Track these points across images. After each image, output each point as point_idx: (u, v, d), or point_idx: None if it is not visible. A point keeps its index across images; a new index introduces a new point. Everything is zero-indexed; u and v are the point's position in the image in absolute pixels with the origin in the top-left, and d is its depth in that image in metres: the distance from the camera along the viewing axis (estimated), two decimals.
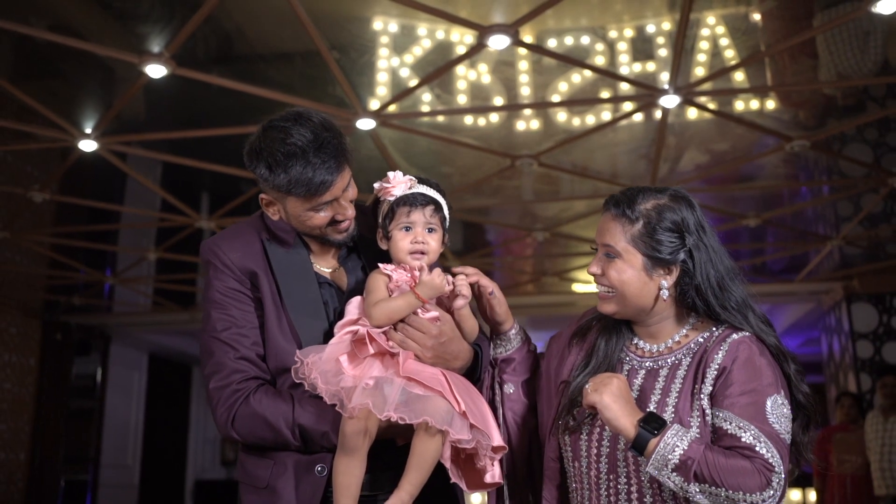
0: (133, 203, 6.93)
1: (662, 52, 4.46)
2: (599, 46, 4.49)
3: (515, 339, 1.85)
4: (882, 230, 6.47)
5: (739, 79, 4.55)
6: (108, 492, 8.83)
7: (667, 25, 4.43)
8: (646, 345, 1.70)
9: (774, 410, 1.50)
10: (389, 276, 1.69)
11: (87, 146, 4.69)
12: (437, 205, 1.74)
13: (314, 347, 1.66)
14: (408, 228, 1.71)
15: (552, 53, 4.24)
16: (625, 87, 4.59)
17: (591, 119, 4.88)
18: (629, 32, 4.46)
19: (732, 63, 4.39)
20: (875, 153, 5.70)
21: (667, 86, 4.09)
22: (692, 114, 4.85)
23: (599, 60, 4.49)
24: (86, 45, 3.96)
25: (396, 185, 1.72)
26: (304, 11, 3.47)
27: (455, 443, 1.58)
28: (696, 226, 1.64)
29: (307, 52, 4.35)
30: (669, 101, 4.16)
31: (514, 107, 4.79)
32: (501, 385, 1.85)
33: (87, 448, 8.75)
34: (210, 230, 6.14)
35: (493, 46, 3.72)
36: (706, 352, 1.60)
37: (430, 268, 1.72)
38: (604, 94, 4.72)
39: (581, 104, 4.79)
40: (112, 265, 7.96)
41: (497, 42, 3.66)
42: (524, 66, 4.59)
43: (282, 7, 3.55)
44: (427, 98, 4.71)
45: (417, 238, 1.70)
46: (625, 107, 4.73)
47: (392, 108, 4.46)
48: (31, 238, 6.79)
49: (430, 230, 1.73)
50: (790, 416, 1.55)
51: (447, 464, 1.62)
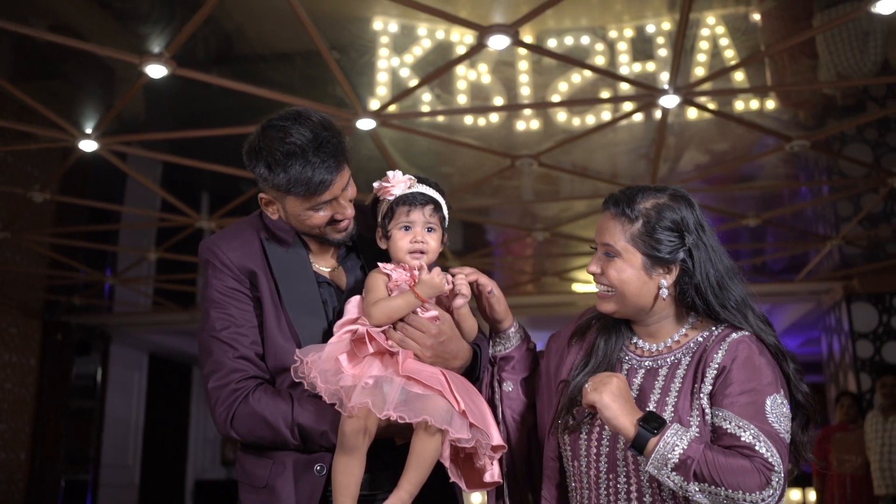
0: (133, 203, 6.94)
1: (662, 52, 4.46)
2: (599, 46, 4.49)
3: (515, 338, 1.85)
4: (882, 230, 6.47)
5: (739, 79, 4.55)
6: (109, 492, 8.83)
7: (667, 25, 4.43)
8: (645, 344, 1.70)
9: (774, 410, 1.50)
10: (389, 276, 1.69)
11: (88, 146, 4.69)
12: (437, 204, 1.74)
13: (313, 347, 1.66)
14: (407, 228, 1.71)
15: (552, 53, 4.24)
16: (625, 87, 4.59)
17: (591, 119, 4.88)
18: (629, 32, 4.46)
19: (732, 63, 4.39)
20: (875, 153, 5.70)
21: (667, 86, 4.09)
22: (692, 114, 4.85)
23: (599, 60, 4.49)
24: (86, 46, 3.96)
25: (396, 185, 1.72)
26: (304, 11, 3.47)
27: (454, 442, 1.58)
28: (696, 225, 1.64)
29: (307, 53, 4.35)
30: (669, 101, 4.16)
31: (514, 107, 4.79)
32: (500, 383, 1.85)
33: (88, 448, 8.75)
34: (210, 230, 6.14)
35: (493, 46, 3.72)
36: (706, 351, 1.60)
37: (430, 267, 1.72)
38: (604, 94, 4.72)
39: (581, 104, 4.78)
40: (112, 265, 7.96)
41: (497, 42, 3.65)
42: (524, 66, 4.59)
43: (282, 7, 3.55)
44: (427, 98, 4.71)
45: (417, 237, 1.70)
46: (625, 107, 4.73)
47: (392, 108, 4.46)
48: (32, 238, 6.79)
49: (430, 229, 1.73)
50: (790, 416, 1.55)
51: (446, 463, 1.62)
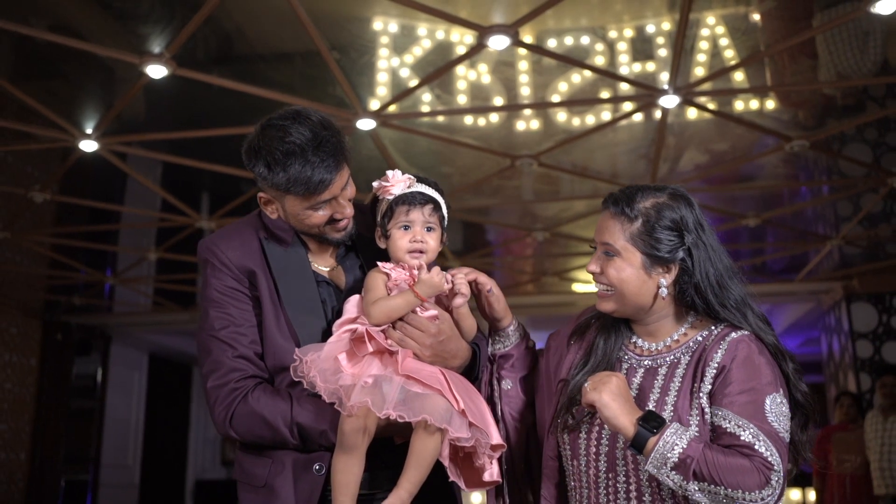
0: (133, 203, 6.94)
1: (662, 53, 4.46)
2: (599, 46, 4.50)
3: (514, 336, 1.85)
4: (882, 230, 6.47)
5: (739, 79, 4.55)
6: (109, 492, 8.83)
7: (667, 25, 4.43)
8: (644, 343, 1.70)
9: (773, 409, 1.50)
10: (388, 275, 1.69)
11: (88, 146, 4.69)
12: (436, 204, 1.74)
13: (313, 346, 1.66)
14: (406, 227, 1.71)
15: (552, 54, 4.24)
16: (624, 88, 4.59)
17: (591, 119, 4.88)
18: (629, 32, 4.46)
19: (732, 63, 4.39)
20: (874, 153, 5.70)
21: (666, 86, 4.09)
22: (692, 114, 4.85)
23: (599, 60, 4.49)
24: (86, 46, 3.96)
25: (395, 184, 1.72)
26: (305, 12, 3.47)
27: (454, 441, 1.58)
28: (695, 224, 1.64)
29: (307, 53, 4.35)
30: (669, 102, 4.16)
31: (514, 107, 4.79)
32: (499, 381, 1.85)
33: (88, 448, 8.75)
34: (210, 230, 6.14)
35: (493, 47, 3.72)
36: (705, 350, 1.60)
37: (429, 266, 1.72)
38: (604, 94, 4.72)
39: (581, 104, 4.78)
40: (112, 265, 7.97)
41: (497, 42, 3.65)
42: (524, 67, 4.59)
43: (282, 7, 3.55)
44: (427, 98, 4.71)
45: (416, 237, 1.70)
46: (625, 107, 4.73)
47: (392, 109, 4.46)
48: (32, 238, 6.79)
49: (429, 229, 1.73)
50: (789, 415, 1.55)
51: (446, 462, 1.62)
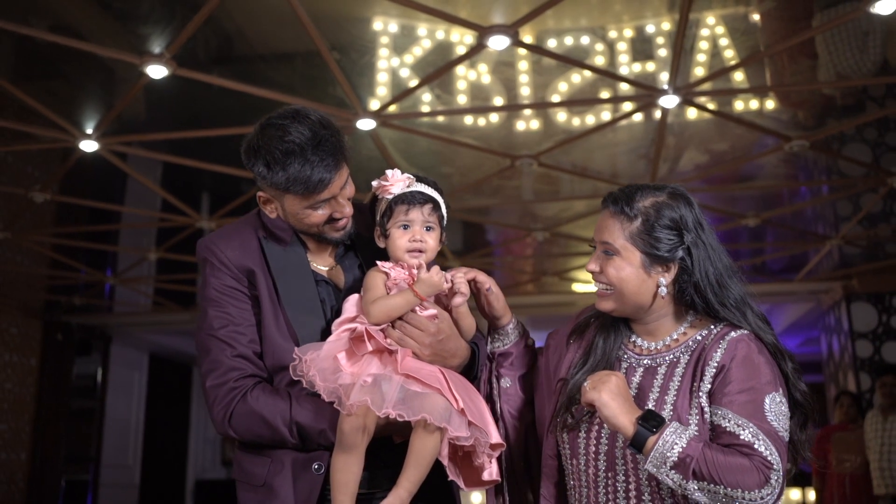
0: (133, 203, 6.95)
1: (662, 53, 4.46)
2: (599, 46, 4.50)
3: (513, 334, 1.85)
4: (881, 230, 6.47)
5: (739, 79, 4.56)
6: (109, 492, 8.83)
7: (666, 25, 4.44)
8: (644, 342, 1.70)
9: (773, 408, 1.50)
10: (387, 274, 1.69)
11: (88, 146, 4.69)
12: (436, 203, 1.74)
13: (312, 345, 1.66)
14: (406, 226, 1.71)
15: (552, 54, 4.24)
16: (624, 88, 4.59)
17: (591, 119, 4.88)
18: (629, 33, 4.47)
19: (732, 63, 4.39)
20: (874, 153, 5.70)
21: (666, 86, 4.09)
22: (692, 114, 4.86)
23: (599, 60, 4.50)
24: (86, 46, 3.96)
25: (395, 184, 1.72)
26: (305, 12, 3.47)
27: (453, 440, 1.58)
28: (695, 223, 1.64)
29: (307, 53, 4.36)
30: (669, 102, 4.16)
31: (514, 107, 4.79)
32: (498, 379, 1.85)
33: (88, 448, 8.75)
34: (210, 230, 6.13)
35: (493, 47, 3.72)
36: (704, 349, 1.60)
37: (428, 266, 1.72)
38: (603, 95, 4.73)
39: (581, 104, 4.79)
40: (113, 265, 7.98)
41: (497, 42, 3.65)
42: (524, 67, 4.60)
43: (282, 8, 3.55)
44: (427, 98, 4.72)
45: (416, 236, 1.70)
46: (624, 107, 4.74)
47: (392, 109, 4.46)
48: (32, 238, 6.79)
49: (428, 228, 1.73)
50: (788, 414, 1.55)
51: (445, 461, 1.62)
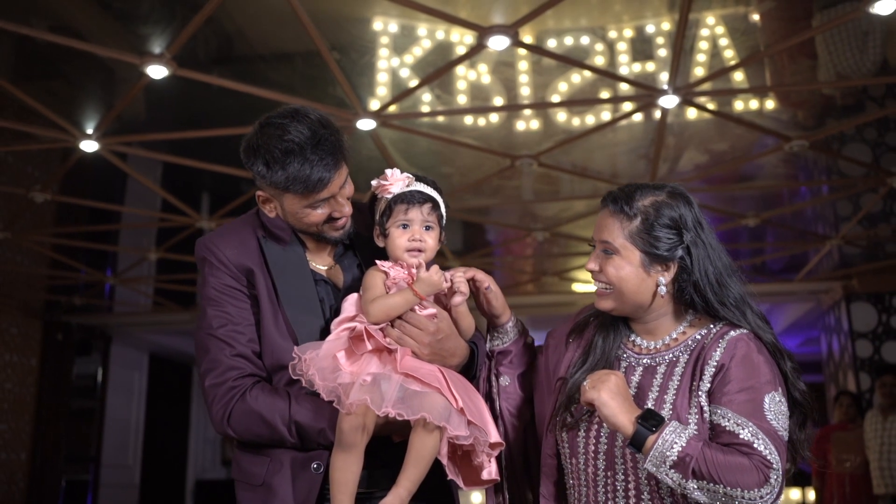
0: (134, 203, 6.96)
1: (662, 53, 4.46)
2: (599, 47, 4.50)
3: (512, 332, 1.85)
4: (881, 230, 6.47)
5: (739, 79, 4.56)
6: (109, 491, 8.83)
7: (666, 26, 4.44)
8: (643, 342, 1.70)
9: (772, 407, 1.50)
10: (387, 273, 1.69)
11: (88, 146, 4.69)
12: (435, 203, 1.74)
13: (311, 344, 1.66)
14: (405, 226, 1.71)
15: (552, 54, 4.24)
16: (624, 88, 4.59)
17: (591, 119, 4.88)
18: (629, 33, 4.47)
19: (732, 63, 4.39)
20: (874, 153, 5.71)
21: (666, 86, 4.10)
22: (691, 114, 4.86)
23: (599, 61, 4.50)
24: (87, 46, 3.97)
25: (394, 183, 1.72)
26: (305, 12, 3.47)
27: (453, 439, 1.58)
28: (694, 222, 1.64)
29: (307, 53, 4.36)
30: (669, 102, 4.16)
31: (514, 107, 4.79)
32: (498, 377, 1.85)
33: (88, 448, 8.75)
34: (210, 230, 6.13)
35: (493, 47, 3.72)
36: (704, 349, 1.60)
37: (427, 265, 1.72)
38: (603, 95, 4.73)
39: (581, 104, 4.79)
40: (113, 265, 7.98)
41: (497, 43, 3.66)
42: (524, 67, 4.60)
43: (282, 8, 3.55)
44: (427, 98, 4.72)
45: (415, 235, 1.70)
46: (624, 107, 4.74)
47: (392, 109, 4.46)
48: (32, 238, 6.80)
49: (428, 228, 1.73)
50: (787, 414, 1.55)
51: (444, 460, 1.62)
